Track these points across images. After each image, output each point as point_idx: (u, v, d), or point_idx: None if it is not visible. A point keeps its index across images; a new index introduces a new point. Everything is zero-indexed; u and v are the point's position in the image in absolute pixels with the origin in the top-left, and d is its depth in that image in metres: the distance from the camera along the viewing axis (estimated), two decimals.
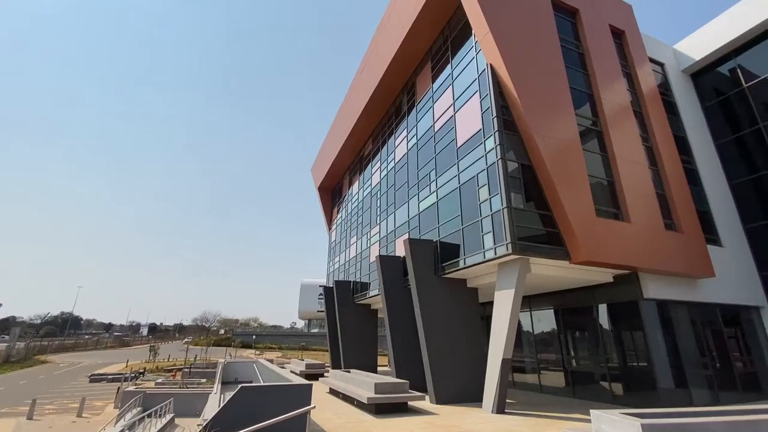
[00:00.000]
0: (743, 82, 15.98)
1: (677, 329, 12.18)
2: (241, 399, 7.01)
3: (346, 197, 29.61)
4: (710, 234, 14.25)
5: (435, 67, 16.99)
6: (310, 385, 7.32)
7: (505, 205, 10.83)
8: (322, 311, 27.31)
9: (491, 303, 11.67)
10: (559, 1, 14.51)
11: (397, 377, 14.37)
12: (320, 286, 30.34)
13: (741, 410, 6.63)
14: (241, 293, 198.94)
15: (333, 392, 14.42)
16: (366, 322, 23.40)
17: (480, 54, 13.23)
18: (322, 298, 28.00)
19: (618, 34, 15.88)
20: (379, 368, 23.68)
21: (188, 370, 24.82)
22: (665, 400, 10.92)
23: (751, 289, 14.13)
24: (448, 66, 15.70)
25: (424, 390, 12.93)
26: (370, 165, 24.71)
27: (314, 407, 6.32)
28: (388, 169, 20.96)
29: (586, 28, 14.64)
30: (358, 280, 23.17)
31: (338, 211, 31.84)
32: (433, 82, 16.99)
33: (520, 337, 16.57)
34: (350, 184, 29.10)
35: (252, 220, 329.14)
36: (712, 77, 17.24)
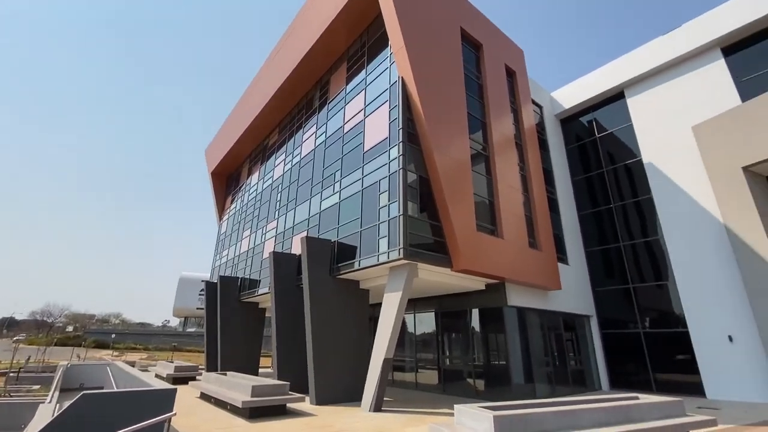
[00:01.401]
0: (596, 132, 19.72)
1: (530, 333, 14.31)
2: (81, 408, 5.88)
3: (244, 186, 27.69)
4: (561, 254, 17.14)
5: (351, 68, 17.09)
6: (174, 390, 6.53)
7: (401, 212, 11.38)
8: (202, 309, 24.89)
9: (380, 304, 12.09)
10: (467, 34, 15.96)
11: (279, 379, 13.86)
12: (203, 281, 27.63)
13: (566, 401, 8.04)
14: (101, 285, 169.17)
15: (205, 397, 13.20)
16: (251, 322, 22.10)
17: (394, 65, 13.74)
18: (203, 295, 25.54)
19: (510, 74, 18.15)
20: (262, 370, 22.54)
21: (15, 374, 20.11)
22: (516, 393, 12.68)
23: (586, 301, 17.39)
24: (363, 71, 15.94)
25: (306, 391, 12.71)
26: (273, 156, 23.57)
27: (175, 414, 5.65)
28: (293, 163, 20.28)
29: (487, 63, 16.39)
30: (248, 276, 21.79)
31: (233, 201, 29.57)
32: (347, 83, 17.05)
33: (403, 338, 17.53)
34: (250, 173, 27.32)
35: (124, 200, 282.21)
36: (575, 124, 20.88)
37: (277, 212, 20.53)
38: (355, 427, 9.13)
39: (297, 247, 16.48)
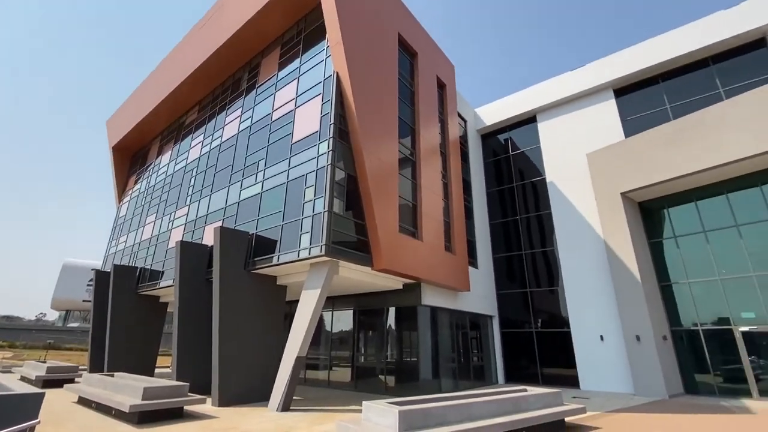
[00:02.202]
0: (511, 150, 21.66)
1: (440, 331, 15.17)
2: None
3: (152, 166, 24.87)
4: (472, 258, 18.49)
5: (284, 55, 16.39)
6: (41, 394, 5.58)
7: (326, 208, 11.22)
8: (90, 301, 21.75)
9: (297, 302, 11.78)
10: (404, 41, 16.36)
11: (178, 379, 12.71)
12: (93, 269, 24.17)
13: (465, 395, 8.68)
14: None
15: (84, 402, 11.53)
16: (149, 317, 19.91)
17: (329, 59, 13.51)
18: (92, 285, 22.33)
19: (441, 86, 19.06)
20: (160, 370, 20.46)
21: None
22: (423, 388, 13.35)
23: (490, 302, 18.98)
24: (298, 60, 15.41)
25: (209, 392, 11.84)
26: (190, 137, 21.56)
27: (39, 422, 4.83)
28: (212, 146, 18.77)
29: (420, 72, 16.99)
30: (149, 266, 19.61)
31: (137, 181, 26.37)
32: (279, 69, 16.32)
33: (319, 336, 17.33)
34: (160, 152, 24.62)
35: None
36: (494, 141, 22.70)
37: (189, 198, 18.82)
38: (259, 428, 8.76)
39: (209, 238, 15.29)
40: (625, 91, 18.23)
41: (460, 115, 21.10)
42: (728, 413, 10.44)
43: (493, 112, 22.23)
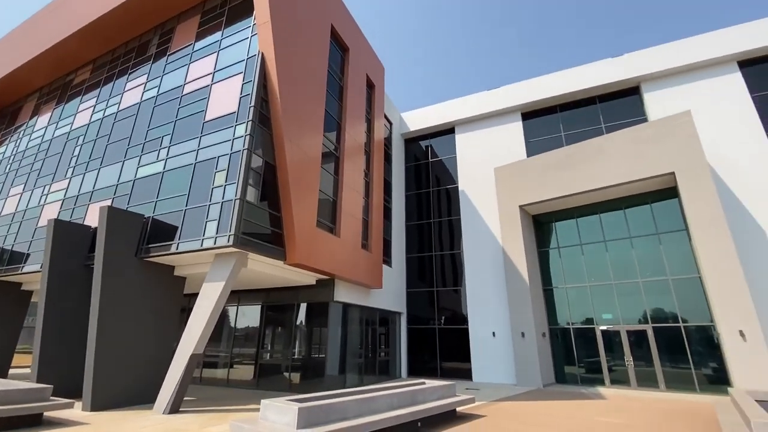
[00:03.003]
0: (430, 156, 22.78)
1: (350, 327, 15.31)
2: None
3: (23, 128, 20.74)
4: (386, 257, 19.03)
5: (204, 25, 14.96)
6: None
7: (239, 196, 10.53)
8: None
9: (197, 295, 10.85)
10: (337, 34, 16.14)
11: (39, 381, 10.80)
12: None
13: (368, 389, 8.87)
14: None
15: None
16: (7, 307, 16.55)
17: (255, 38, 12.72)
18: None
19: (370, 86, 19.25)
20: (18, 371, 17.14)
21: None
22: (329, 384, 13.32)
23: (400, 299, 19.72)
24: (219, 32, 14.21)
25: (81, 396, 10.26)
26: (79, 98, 18.47)
27: None
28: (106, 113, 16.33)
29: (351, 68, 16.93)
30: (9, 247, 16.31)
31: (0, 143, 21.75)
32: (197, 39, 14.85)
33: (220, 332, 16.22)
34: (37, 112, 20.65)
35: None
36: (416, 146, 23.64)
37: (71, 170, 16.10)
38: None
39: (93, 218, 13.26)
40: (530, 115, 20.44)
41: (386, 117, 21.54)
42: (586, 399, 12.37)
43: (417, 119, 23.14)
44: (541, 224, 18.43)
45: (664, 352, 14.27)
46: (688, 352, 13.86)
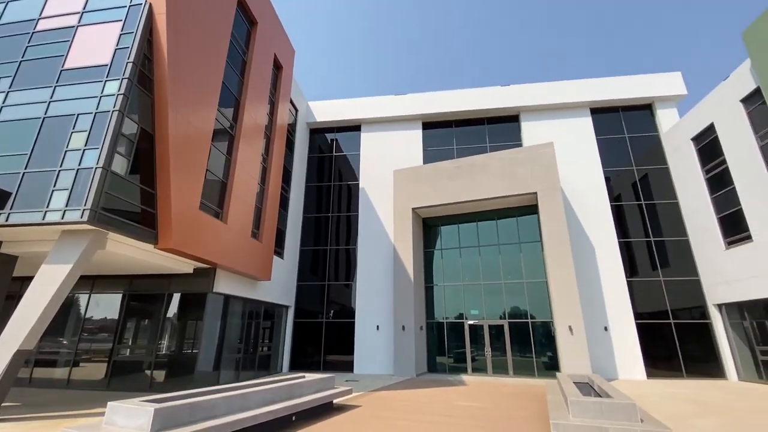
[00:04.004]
0: (335, 150, 22.67)
1: (230, 320, 14.31)
2: None
3: None
4: (279, 248, 18.34)
5: None
6: None
7: (101, 164, 8.93)
8: None
9: (32, 279, 8.86)
10: (245, 4, 14.90)
11: None
12: None
13: (241, 385, 8.44)
14: None
15: None
16: None
17: None
18: None
19: (278, 67, 18.28)
20: None
21: None
22: (199, 382, 12.22)
23: (288, 292, 19.18)
24: None
25: None
26: None
27: None
28: None
29: (257, 43, 15.82)
30: None
31: None
32: None
33: (63, 324, 13.57)
34: None
35: None
36: (321, 137, 23.28)
37: None
38: None
39: None
40: (430, 126, 21.93)
41: (293, 103, 20.72)
42: (450, 385, 13.80)
43: (325, 111, 22.80)
44: (429, 227, 19.94)
45: (515, 343, 16.79)
46: (532, 344, 16.56)
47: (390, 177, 20.21)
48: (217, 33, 12.95)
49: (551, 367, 15.96)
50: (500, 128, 21.20)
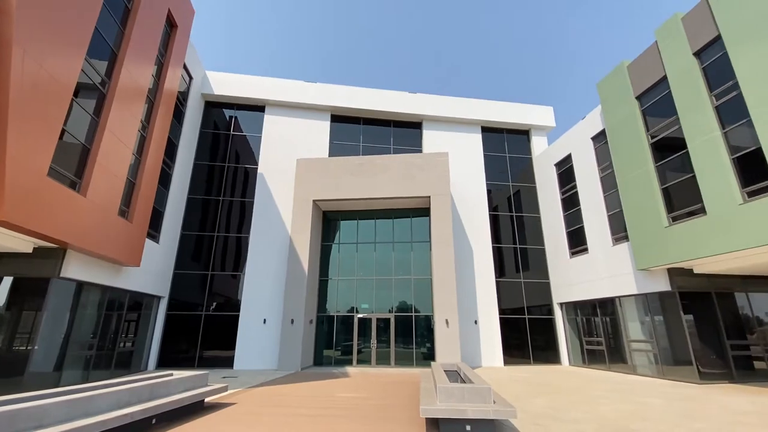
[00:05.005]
0: (233, 129, 20.88)
1: (81, 311, 12.10)
2: None
3: None
4: (154, 230, 16.17)
5: None
6: None
7: None
8: None
9: None
10: None
11: None
12: None
13: (87, 387, 7.22)
14: None
15: None
16: None
17: None
18: None
19: (172, 25, 16.06)
20: None
21: None
22: (31, 384, 10.09)
23: (162, 281, 17.04)
24: None
25: None
26: None
27: None
28: None
29: None
30: None
31: None
32: None
33: None
34: None
35: None
36: (218, 112, 21.18)
37: None
38: None
39: None
40: (338, 119, 21.81)
41: (186, 69, 18.45)
42: (334, 378, 13.97)
43: (225, 84, 20.82)
44: (329, 220, 19.85)
45: (400, 336, 17.83)
46: (414, 336, 17.79)
47: (292, 165, 19.52)
48: None
49: (429, 357, 17.38)
50: (404, 132, 22.22)
